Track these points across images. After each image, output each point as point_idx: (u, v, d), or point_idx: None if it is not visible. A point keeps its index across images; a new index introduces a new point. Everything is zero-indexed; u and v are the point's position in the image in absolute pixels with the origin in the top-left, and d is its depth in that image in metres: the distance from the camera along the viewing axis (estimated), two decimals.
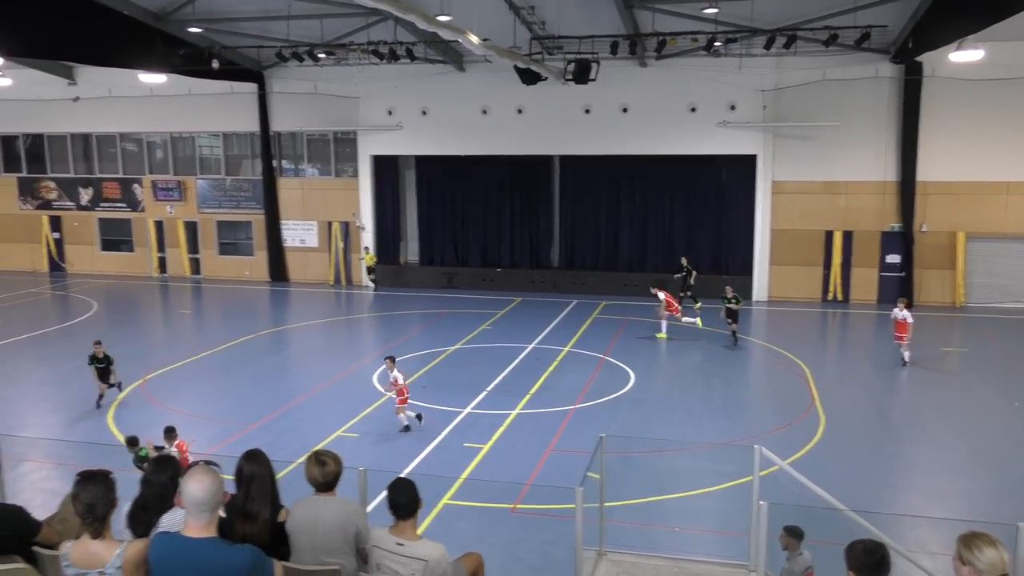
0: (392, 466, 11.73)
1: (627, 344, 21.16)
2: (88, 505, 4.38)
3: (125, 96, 30.75)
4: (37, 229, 33.52)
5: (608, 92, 26.01)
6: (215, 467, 4.43)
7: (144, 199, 32.31)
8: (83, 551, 4.36)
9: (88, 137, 32.59)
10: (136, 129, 32.02)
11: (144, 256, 32.74)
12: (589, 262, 29.55)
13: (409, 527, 5.13)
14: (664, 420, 15.15)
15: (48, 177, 33.21)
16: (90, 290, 29.52)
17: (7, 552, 5.17)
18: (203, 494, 4.16)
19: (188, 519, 4.23)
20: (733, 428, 14.75)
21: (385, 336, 23.39)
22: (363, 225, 30.22)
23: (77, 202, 33.05)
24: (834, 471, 12.32)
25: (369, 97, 28.95)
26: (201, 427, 14.94)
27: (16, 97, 31.22)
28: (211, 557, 4.16)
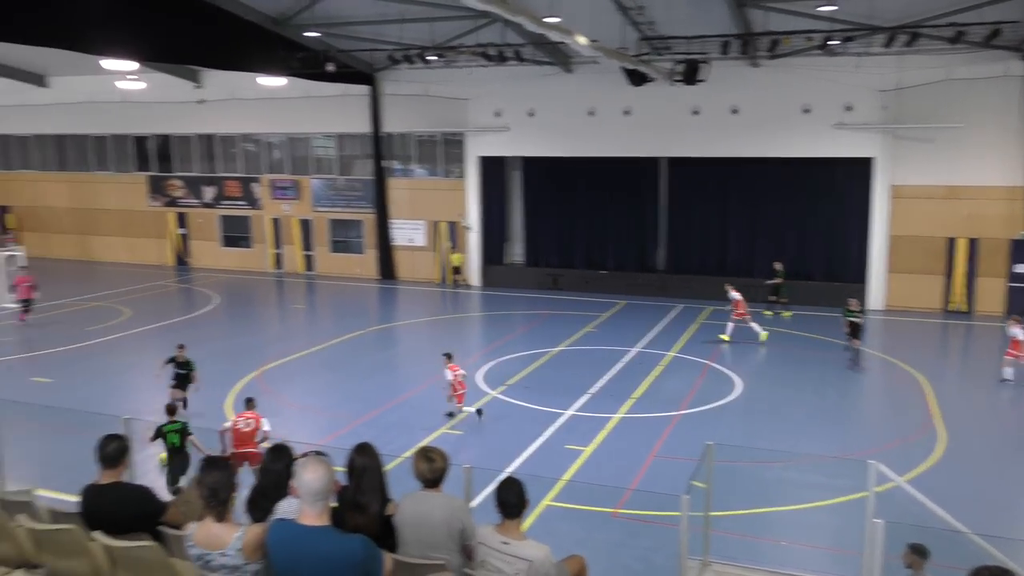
0: (494, 464, 11.83)
1: (733, 350, 20.67)
2: (212, 489, 4.59)
3: (246, 99, 32.15)
4: (164, 225, 35.47)
5: (717, 93, 25.46)
6: (325, 457, 4.57)
7: (262, 197, 33.70)
8: (206, 533, 4.58)
9: (211, 138, 34.25)
10: (256, 130, 33.44)
11: (261, 252, 34.15)
12: (696, 266, 29.00)
13: (515, 526, 5.16)
14: (772, 430, 14.72)
15: (175, 176, 35.09)
16: (211, 284, 31.01)
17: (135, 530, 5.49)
18: (318, 484, 4.31)
19: (303, 507, 4.38)
20: (845, 441, 14.19)
21: (489, 335, 23.62)
22: (469, 225, 30.62)
23: (201, 200, 34.79)
24: (954, 491, 11.67)
25: (477, 99, 29.31)
26: (312, 419, 15.49)
27: (147, 100, 33.09)
28: (325, 545, 4.30)
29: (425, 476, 5.32)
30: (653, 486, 11.54)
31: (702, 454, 8.25)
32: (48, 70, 34.17)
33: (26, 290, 23.46)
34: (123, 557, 5.11)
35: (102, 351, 20.52)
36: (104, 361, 19.55)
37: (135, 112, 34.09)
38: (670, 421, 15.09)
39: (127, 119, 34.60)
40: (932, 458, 13.25)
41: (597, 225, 30.05)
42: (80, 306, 26.22)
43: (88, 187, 36.49)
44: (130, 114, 34.26)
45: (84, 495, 5.74)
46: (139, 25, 20.23)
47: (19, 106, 35.85)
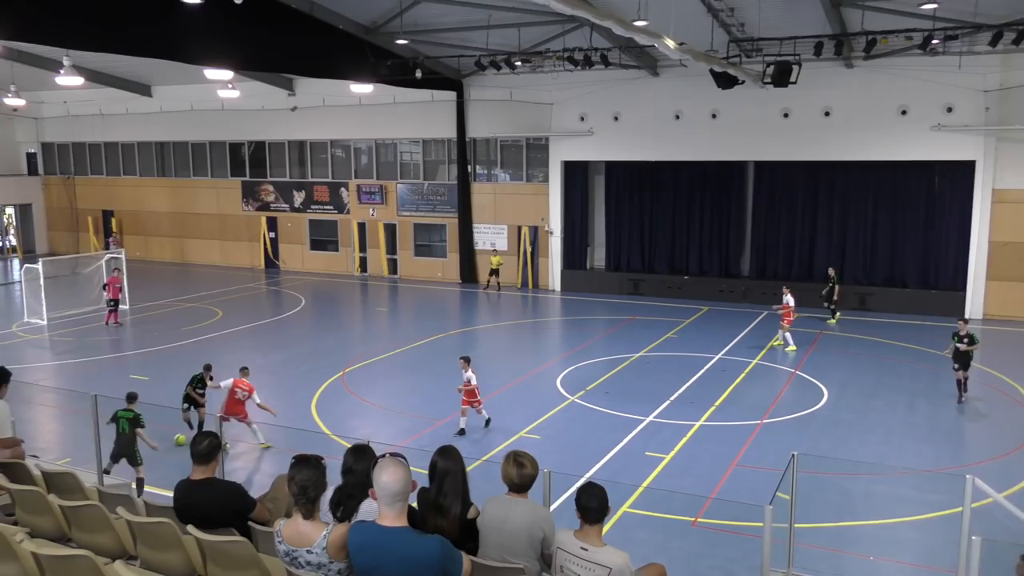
0: (573, 470, 11.81)
1: (821, 358, 20.09)
2: (302, 487, 4.72)
3: (337, 105, 33.01)
4: (256, 229, 36.71)
5: (809, 95, 24.82)
6: (402, 459, 4.63)
7: (349, 202, 34.52)
8: (294, 530, 4.71)
9: (303, 144, 35.29)
10: (345, 136, 34.29)
11: (347, 256, 34.98)
12: (782, 272, 28.29)
13: (595, 532, 5.13)
14: (860, 441, 14.24)
15: (268, 181, 36.30)
16: (299, 286, 31.94)
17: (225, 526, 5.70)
18: (396, 486, 4.38)
19: (381, 508, 4.46)
20: (938, 455, 13.62)
21: (570, 340, 23.59)
22: (552, 230, 30.67)
23: (291, 204, 35.88)
24: None
25: (562, 104, 29.35)
26: (393, 420, 15.78)
27: (244, 108, 34.35)
28: (404, 545, 4.36)
29: (514, 481, 5.32)
30: (734, 495, 11.32)
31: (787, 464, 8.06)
32: (154, 80, 35.87)
33: (115, 291, 24.33)
34: (214, 551, 5.30)
35: (196, 350, 21.37)
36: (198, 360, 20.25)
37: (232, 119, 35.44)
38: (753, 430, 14.78)
39: (224, 126, 36.02)
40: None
41: (680, 230, 29.67)
42: (176, 307, 27.40)
43: (186, 192, 38.11)
44: (227, 121, 35.65)
45: (177, 490, 5.97)
46: (238, 36, 21.11)
47: (125, 115, 37.74)
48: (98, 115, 38.43)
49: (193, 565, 5.52)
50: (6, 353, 16.77)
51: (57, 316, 24.62)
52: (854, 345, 21.61)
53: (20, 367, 17.26)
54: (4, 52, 27.36)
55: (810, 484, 11.23)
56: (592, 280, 30.51)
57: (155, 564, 5.53)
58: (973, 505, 7.72)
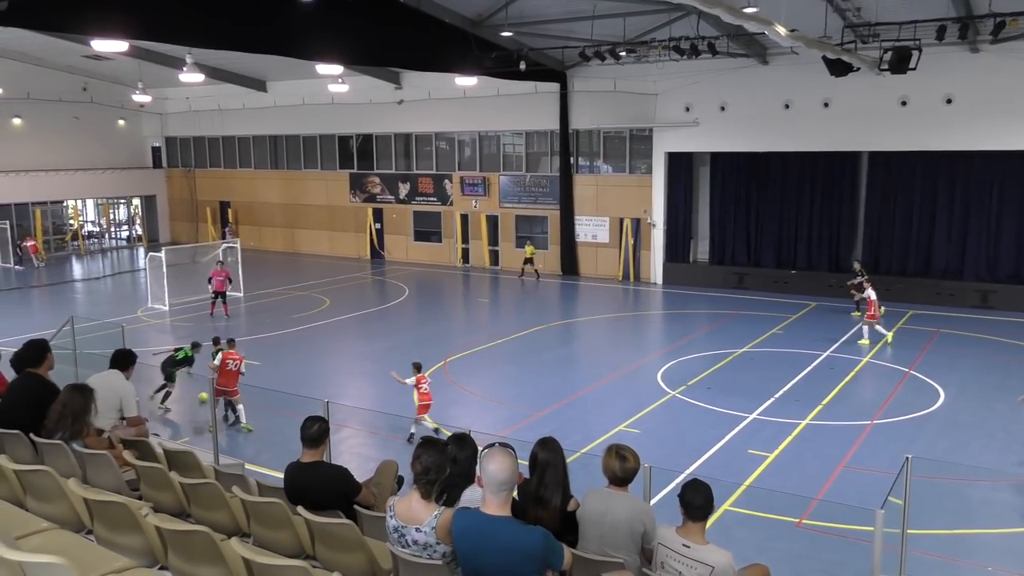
0: (673, 465, 11.69)
1: (937, 357, 19.14)
2: (425, 467, 4.84)
3: (442, 98, 33.48)
4: (363, 220, 37.70)
5: (929, 81, 23.57)
6: (511, 450, 4.68)
7: (453, 193, 35.01)
8: (407, 507, 4.84)
9: (409, 136, 35.99)
10: (449, 128, 34.77)
11: (450, 247, 35.51)
12: (896, 267, 27.09)
13: (698, 530, 5.08)
14: (980, 445, 13.51)
15: (374, 173, 37.21)
16: (403, 277, 32.64)
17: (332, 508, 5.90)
18: (503, 475, 4.44)
19: (486, 496, 4.53)
20: None
21: (671, 334, 23.28)
22: (654, 222, 30.29)
23: (396, 196, 36.66)
24: None
25: (667, 94, 28.89)
26: (493, 410, 15.95)
27: (351, 101, 35.27)
28: (506, 534, 4.42)
29: (616, 474, 5.31)
30: (842, 498, 10.94)
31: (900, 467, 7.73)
32: (268, 75, 37.29)
33: (220, 283, 24.60)
34: (322, 532, 5.50)
35: (305, 337, 22.18)
36: (307, 346, 21.11)
37: (341, 113, 36.46)
38: (862, 430, 14.23)
39: (334, 120, 37.10)
40: None
41: (788, 223, 28.78)
42: (287, 295, 28.46)
43: (297, 184, 39.50)
44: (337, 115, 36.71)
45: (288, 472, 6.22)
46: (348, 32, 21.74)
47: (242, 110, 39.42)
48: (216, 110, 40.27)
49: (302, 545, 5.74)
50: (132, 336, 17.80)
51: (178, 302, 25.97)
52: (974, 345, 20.49)
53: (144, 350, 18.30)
54: (132, 51, 28.95)
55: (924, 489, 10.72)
56: (695, 273, 29.98)
57: (267, 542, 5.77)
58: None
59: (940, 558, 9.58)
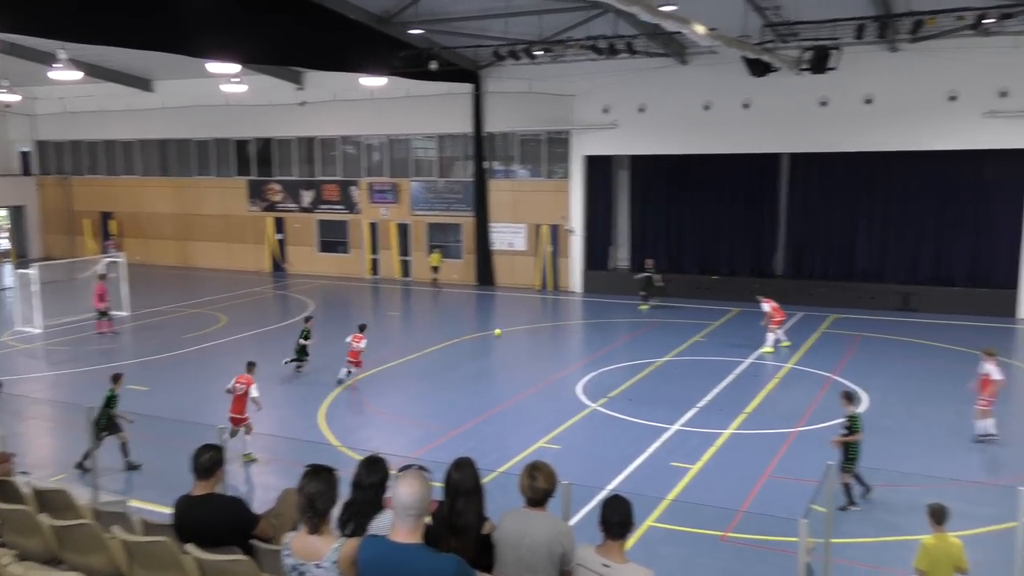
0: (595, 481, 11.78)
1: (860, 361, 19.92)
2: (309, 498, 4.73)
3: (347, 100, 33.16)
4: (263, 230, 36.97)
5: (849, 81, 24.59)
6: (427, 473, 4.62)
7: (360, 201, 34.68)
8: (303, 543, 4.72)
9: (312, 141, 35.51)
10: (356, 132, 34.47)
11: (358, 257, 35.15)
12: (819, 271, 28.13)
13: (617, 548, 5.11)
14: (903, 450, 14.09)
15: (275, 180, 36.55)
16: (308, 290, 32.11)
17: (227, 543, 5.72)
18: (411, 498, 4.38)
19: (396, 522, 4.47)
20: (990, 465, 13.47)
21: (591, 344, 23.55)
22: (572, 229, 30.64)
23: (299, 204, 36.10)
24: None
25: (584, 95, 29.31)
26: (406, 430, 15.81)
27: (249, 103, 34.60)
28: (416, 563, 4.35)
29: (526, 494, 5.33)
30: (767, 508, 11.23)
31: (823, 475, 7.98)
32: (155, 74, 36.25)
33: (97, 300, 23.81)
34: (215, 570, 5.31)
35: (199, 358, 21.55)
36: (201, 368, 20.52)
37: (237, 115, 35.72)
38: (787, 438, 14.67)
39: (229, 123, 36.32)
40: None
41: (709, 227, 29.57)
42: (179, 313, 27.62)
43: (189, 192, 38.46)
44: (232, 118, 35.94)
45: (177, 507, 6.00)
46: (244, 27, 21.25)
47: (125, 111, 38.16)
48: (96, 112, 38.89)
49: None
50: None
51: (52, 324, 24.88)
52: (896, 348, 21.41)
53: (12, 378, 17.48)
54: None
55: None
56: (615, 281, 30.43)
57: None
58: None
59: (867, 566, 9.93)
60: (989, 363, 14.45)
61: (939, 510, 8.11)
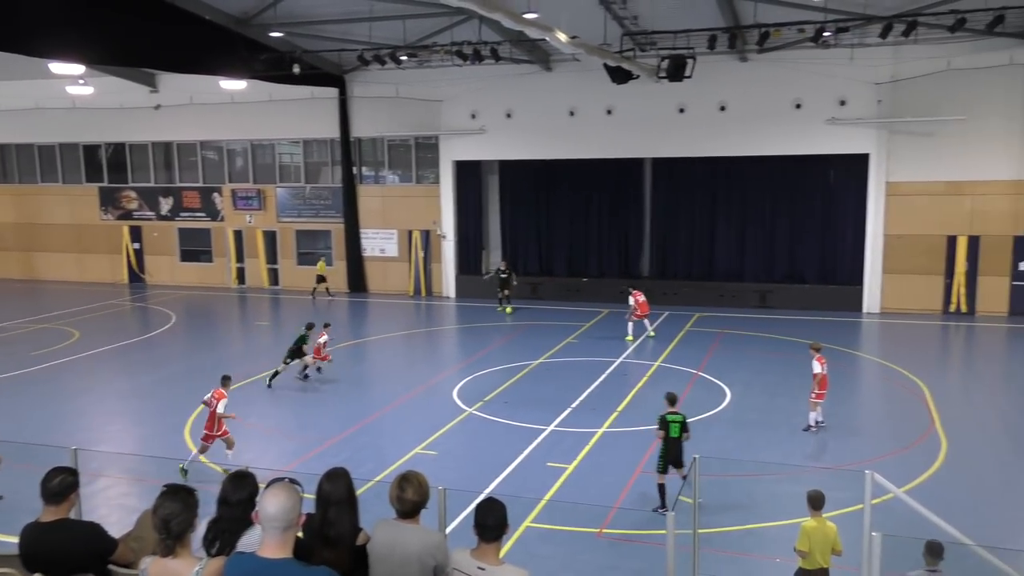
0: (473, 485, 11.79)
1: (723, 358, 20.79)
2: (163, 520, 4.52)
3: (206, 103, 32.03)
4: (118, 240, 35.18)
5: (705, 90, 25.65)
6: (297, 486, 4.50)
7: (223, 208, 33.54)
8: (160, 567, 4.51)
9: (169, 145, 34.07)
10: (216, 137, 33.31)
11: (223, 267, 33.98)
12: (682, 271, 29.20)
13: (492, 551, 5.12)
14: (764, 440, 14.80)
15: (129, 187, 34.86)
16: (169, 301, 30.79)
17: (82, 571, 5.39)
18: (274, 509, 4.25)
19: (264, 538, 4.33)
20: (842, 451, 14.29)
21: (466, 349, 23.61)
22: (444, 234, 30.63)
23: (157, 212, 34.57)
24: (958, 501, 11.79)
25: (452, 100, 29.37)
26: (278, 443, 15.39)
27: (97, 105, 32.86)
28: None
29: (396, 506, 5.27)
30: (640, 503, 11.56)
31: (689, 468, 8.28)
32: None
33: None
34: None
35: (50, 376, 20.28)
36: (51, 387, 19.32)
37: (85, 119, 33.83)
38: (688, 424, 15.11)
39: (77, 127, 34.32)
40: (933, 467, 13.36)
41: (578, 231, 30.20)
42: (24, 329, 25.92)
43: (33, 200, 36.12)
44: (80, 121, 34.00)
45: (24, 535, 5.62)
46: (88, 26, 20.09)
47: None
48: None
49: None
50: None
51: None
52: (756, 344, 22.46)
53: None
54: None
55: (715, 487, 11.59)
56: (488, 285, 30.59)
57: None
58: (874, 501, 8.15)
59: (732, 554, 10.35)
60: (815, 358, 15.30)
61: (817, 496, 8.55)
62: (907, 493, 9.79)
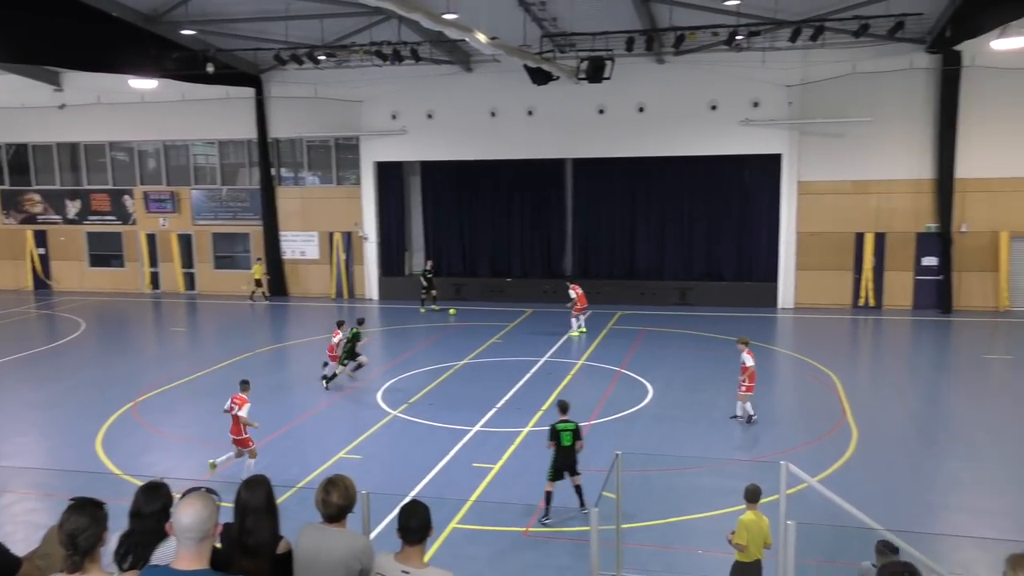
0: (399, 488, 11.75)
1: (644, 355, 21.14)
2: (70, 535, 4.37)
3: (115, 103, 31.07)
4: (21, 245, 33.81)
5: (623, 91, 26.07)
6: (213, 495, 4.42)
7: (135, 211, 32.56)
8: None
9: (75, 147, 32.90)
10: (127, 137, 32.30)
11: (135, 271, 32.97)
12: (604, 270, 29.57)
13: (416, 554, 5.10)
14: (685, 435, 15.12)
15: (33, 189, 33.53)
16: (77, 308, 29.74)
17: None
18: (189, 520, 4.16)
19: (179, 550, 4.23)
20: (759, 443, 14.69)
21: (390, 351, 23.43)
22: (366, 235, 30.36)
23: (64, 215, 33.34)
24: (868, 488, 12.26)
25: (372, 101, 29.13)
26: (197, 452, 15.00)
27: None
28: None
29: (322, 510, 5.22)
30: (565, 501, 11.66)
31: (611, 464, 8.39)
32: None
33: None
34: None
35: None
36: None
37: None
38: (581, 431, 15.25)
39: None
40: (845, 456, 13.85)
41: (501, 231, 30.31)
42: None
43: None
44: None
45: None
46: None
47: None
48: None
49: None
50: None
51: None
52: (677, 340, 22.91)
53: None
54: None
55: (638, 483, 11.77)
56: (412, 286, 30.45)
57: None
58: (789, 491, 8.41)
59: (656, 547, 10.54)
60: (744, 351, 15.67)
61: (754, 490, 8.74)
62: (820, 482, 10.12)
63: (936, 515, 11.85)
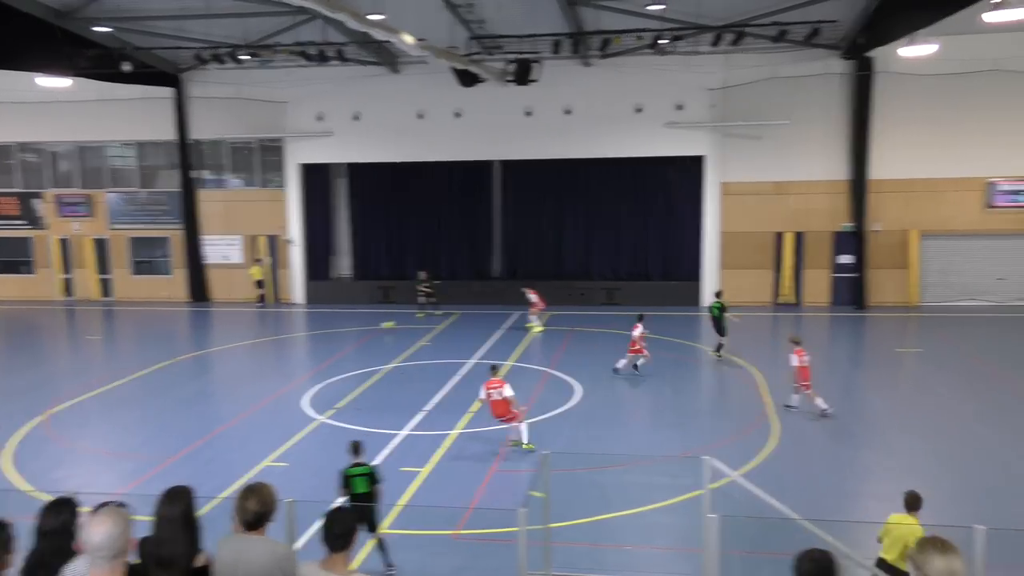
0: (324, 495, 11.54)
1: (571, 356, 21.31)
2: None
3: (24, 102, 29.91)
4: None
5: (550, 93, 26.25)
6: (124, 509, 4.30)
7: (47, 215, 31.44)
8: None
9: None
10: (37, 138, 31.17)
11: (47, 278, 31.83)
12: (532, 271, 29.69)
13: (341, 561, 5.05)
14: (612, 434, 15.27)
15: None
16: None
17: None
18: (100, 537, 4.05)
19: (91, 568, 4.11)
20: (684, 439, 14.94)
21: (316, 356, 23.13)
22: (291, 239, 29.89)
23: None
24: (788, 480, 12.58)
25: (297, 102, 28.70)
26: (113, 464, 14.56)
27: None
28: None
29: (240, 517, 5.12)
30: (494, 502, 11.66)
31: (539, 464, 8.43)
32: None
33: None
34: None
35: None
36: None
37: None
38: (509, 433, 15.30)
39: None
40: (766, 450, 14.19)
41: (429, 233, 30.19)
42: None
43: None
44: None
45: None
46: None
47: None
48: None
49: None
50: None
51: None
52: (603, 340, 23.15)
53: None
54: None
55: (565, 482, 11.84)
56: (339, 290, 30.19)
57: None
58: (712, 485, 8.57)
59: (585, 545, 10.61)
60: (794, 351, 16.13)
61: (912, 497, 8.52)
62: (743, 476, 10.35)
63: (853, 503, 12.22)
